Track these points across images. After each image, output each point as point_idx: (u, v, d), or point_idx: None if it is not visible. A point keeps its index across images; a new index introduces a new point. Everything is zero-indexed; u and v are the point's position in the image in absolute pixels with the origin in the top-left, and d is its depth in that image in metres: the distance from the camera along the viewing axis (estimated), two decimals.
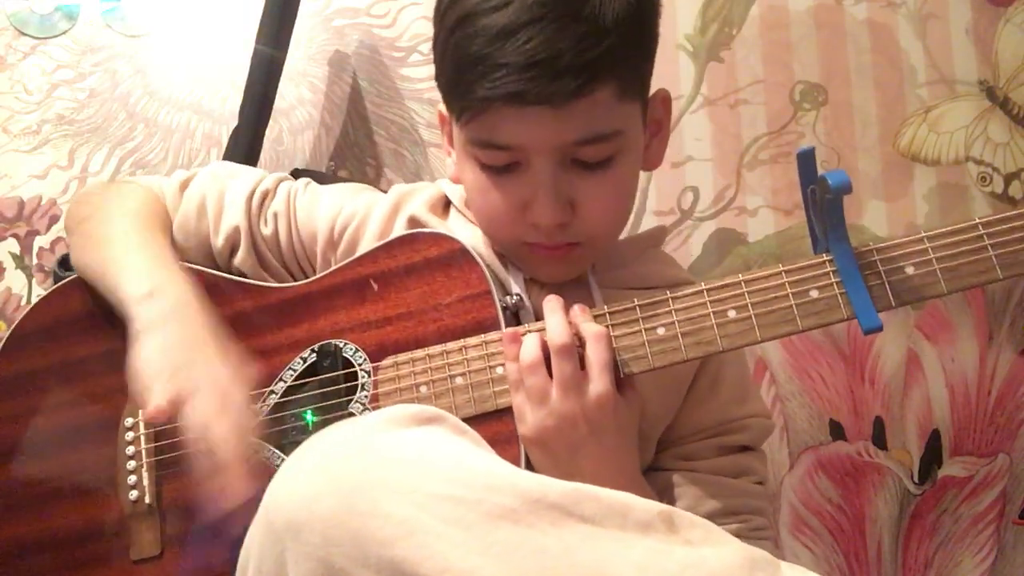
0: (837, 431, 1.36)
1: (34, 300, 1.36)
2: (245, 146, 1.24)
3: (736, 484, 0.84)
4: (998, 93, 1.40)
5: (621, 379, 0.75)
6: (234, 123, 1.26)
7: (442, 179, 0.93)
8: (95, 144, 1.39)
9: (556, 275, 0.82)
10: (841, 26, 1.40)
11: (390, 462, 0.58)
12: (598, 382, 0.72)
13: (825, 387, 1.37)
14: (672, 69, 1.39)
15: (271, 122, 1.29)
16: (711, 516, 0.78)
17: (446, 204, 0.91)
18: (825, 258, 0.73)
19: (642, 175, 0.89)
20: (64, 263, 1.04)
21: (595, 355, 0.73)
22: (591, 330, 0.73)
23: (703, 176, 1.38)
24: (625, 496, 0.59)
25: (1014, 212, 0.71)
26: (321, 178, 1.34)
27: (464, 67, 0.72)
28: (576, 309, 0.75)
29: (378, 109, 1.40)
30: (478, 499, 0.56)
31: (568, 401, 0.72)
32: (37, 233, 1.37)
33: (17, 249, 1.37)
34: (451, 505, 0.56)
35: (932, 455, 1.36)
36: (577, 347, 0.73)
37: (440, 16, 0.77)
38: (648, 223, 1.36)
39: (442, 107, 0.84)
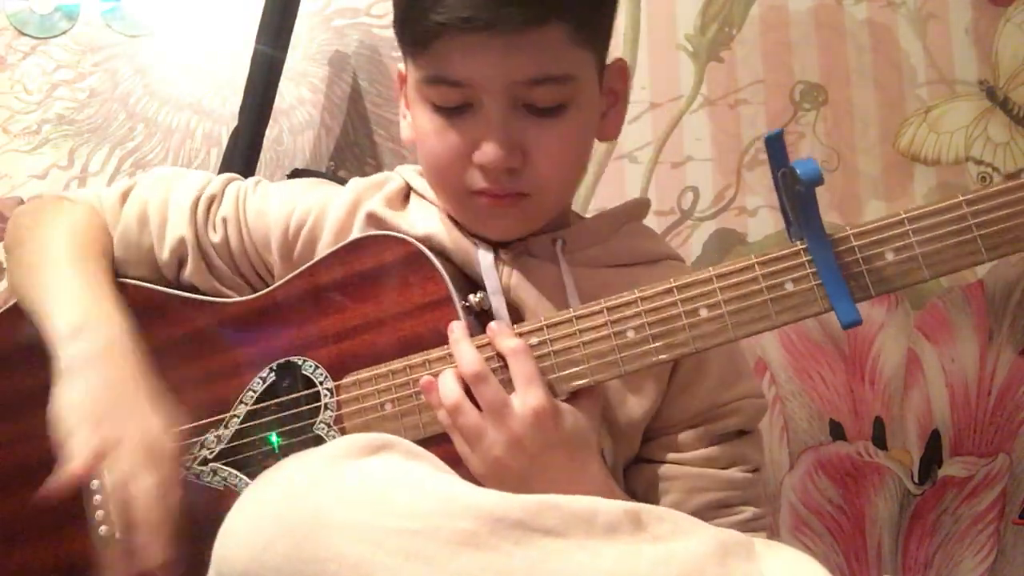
0: (837, 431, 1.36)
1: None
2: (245, 146, 1.24)
3: (725, 476, 0.80)
4: (998, 93, 1.40)
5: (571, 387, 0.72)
6: (234, 123, 1.26)
7: (401, 166, 0.90)
8: (95, 144, 1.39)
9: (504, 230, 0.80)
10: (841, 26, 1.40)
11: (342, 500, 0.56)
12: (526, 396, 0.69)
13: (825, 387, 1.37)
14: (672, 69, 1.39)
15: (271, 122, 1.28)
16: (700, 512, 0.77)
17: (406, 194, 0.87)
18: (800, 247, 0.69)
19: (642, 175, 0.89)
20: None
21: (517, 370, 0.70)
22: (508, 346, 0.71)
23: (703, 176, 1.38)
24: (589, 501, 0.57)
25: (999, 187, 0.67)
26: (321, 178, 1.34)
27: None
28: (492, 327, 0.73)
29: (378, 109, 1.40)
30: (436, 527, 0.54)
31: (503, 427, 0.69)
32: None
33: None
34: (408, 538, 0.54)
35: (932, 455, 1.36)
36: (501, 366, 0.71)
37: None
38: (648, 223, 1.36)
39: (401, 65, 0.82)
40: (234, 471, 0.78)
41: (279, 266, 0.85)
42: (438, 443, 0.72)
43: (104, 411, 0.72)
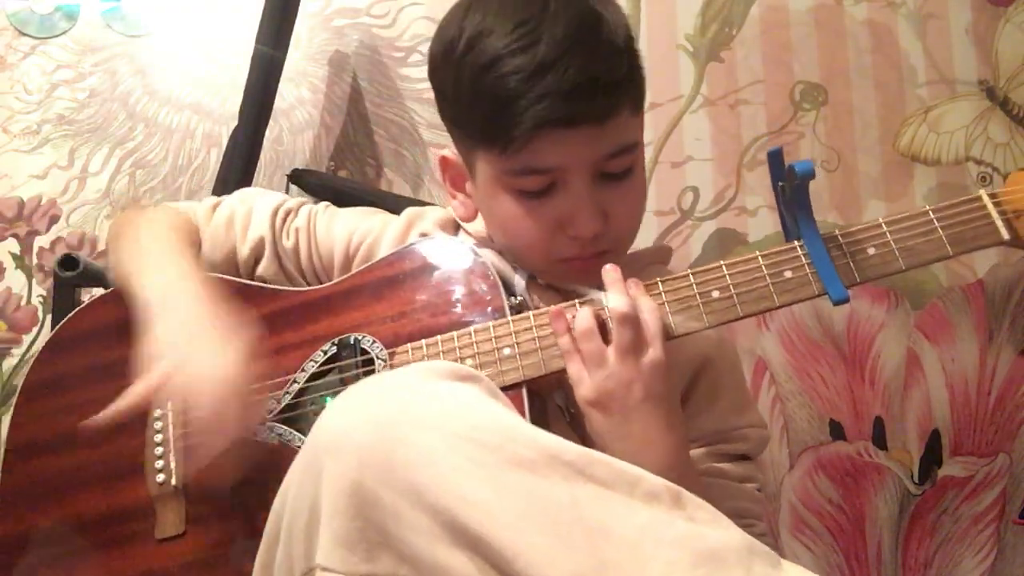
0: (837, 431, 1.36)
1: (34, 300, 1.37)
2: (245, 146, 1.24)
3: (741, 488, 0.87)
4: (998, 93, 1.40)
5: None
6: (234, 123, 1.26)
7: (450, 206, 0.98)
8: (95, 144, 1.39)
9: (586, 282, 0.87)
10: (841, 26, 1.40)
11: (424, 403, 0.64)
12: (654, 348, 0.77)
13: (825, 387, 1.37)
14: (672, 69, 1.39)
15: (271, 122, 1.29)
16: None
17: (456, 226, 0.97)
18: (797, 244, 0.80)
19: None
20: (64, 263, 1.06)
21: (652, 325, 0.78)
22: (647, 303, 0.79)
23: (703, 176, 1.38)
24: (637, 469, 0.63)
25: (958, 200, 0.80)
26: (321, 178, 1.35)
27: (505, 103, 0.79)
28: (632, 283, 0.81)
29: (378, 109, 1.40)
30: (499, 445, 0.61)
31: (627, 365, 0.77)
32: (37, 233, 1.37)
33: (17, 249, 1.37)
34: (476, 447, 0.61)
35: (932, 455, 1.36)
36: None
37: (456, 63, 0.82)
38: (648, 223, 1.36)
39: (448, 152, 0.91)
40: (290, 429, 0.85)
41: (338, 275, 0.96)
42: None
43: (187, 349, 0.80)
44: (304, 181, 1.34)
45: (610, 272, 0.81)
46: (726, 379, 0.91)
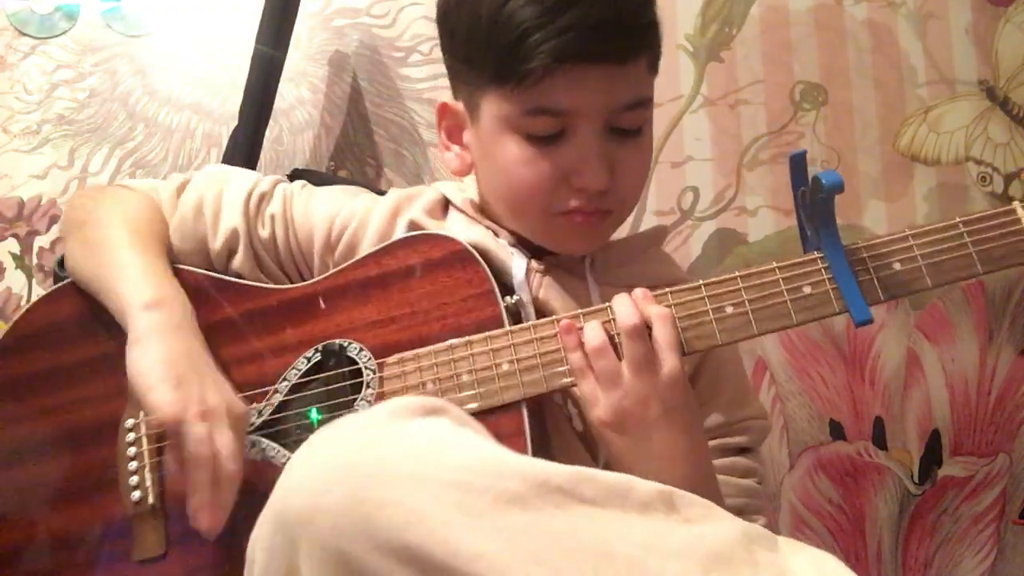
0: (837, 431, 1.36)
1: (35, 300, 1.36)
2: (245, 146, 1.24)
3: (743, 484, 0.86)
4: (998, 93, 1.40)
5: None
6: (234, 123, 1.26)
7: (438, 182, 0.95)
8: (95, 144, 1.39)
9: (588, 245, 0.85)
10: (841, 26, 1.40)
11: (398, 452, 0.60)
12: (668, 360, 0.74)
13: (825, 387, 1.37)
14: (672, 69, 1.39)
15: (271, 122, 1.28)
16: None
17: (444, 206, 0.92)
18: (817, 255, 0.76)
19: None
20: (64, 263, 1.05)
21: (664, 336, 0.75)
22: (657, 312, 0.75)
23: (703, 176, 1.38)
24: (625, 478, 0.61)
25: (991, 211, 0.75)
26: (321, 178, 1.34)
27: (524, 35, 0.75)
28: (639, 293, 0.77)
29: (378, 109, 1.40)
30: (486, 486, 0.58)
31: (642, 381, 0.73)
32: (37, 233, 1.37)
33: (17, 249, 1.37)
34: (460, 493, 0.57)
35: (932, 455, 1.36)
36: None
37: (474, 3, 0.79)
38: (648, 223, 1.36)
39: (448, 98, 0.87)
40: (273, 443, 0.80)
41: (320, 264, 0.91)
42: (476, 419, 0.76)
43: (182, 373, 0.76)
44: (304, 181, 1.34)
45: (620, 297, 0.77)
46: (726, 371, 0.90)
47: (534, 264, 0.86)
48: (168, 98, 1.40)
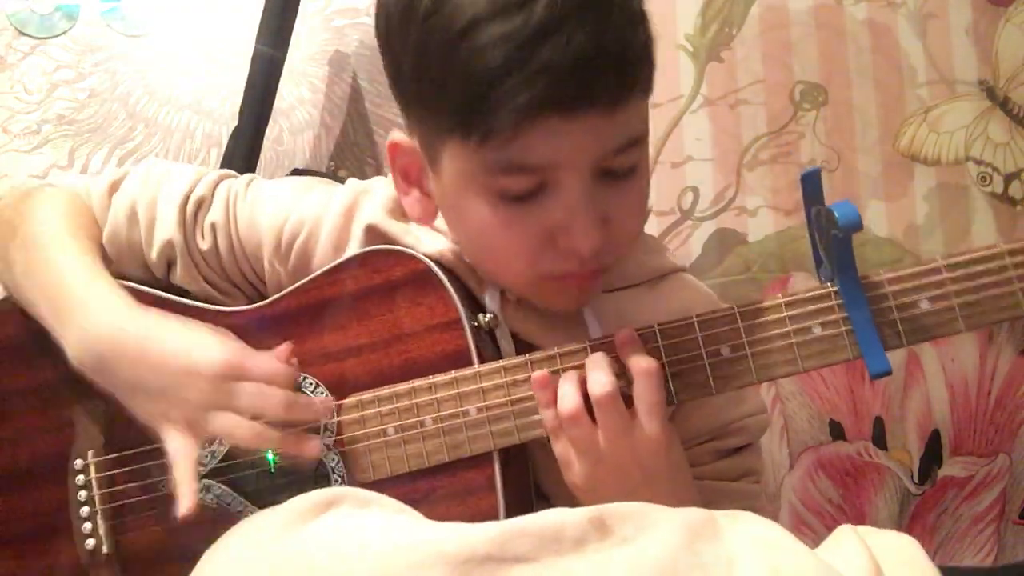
0: (837, 431, 1.36)
1: None
2: (245, 146, 1.24)
3: (737, 488, 0.81)
4: (998, 93, 1.40)
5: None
6: (234, 123, 1.26)
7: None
8: (95, 144, 1.39)
9: (577, 305, 0.74)
10: (841, 26, 1.40)
11: (301, 569, 0.54)
12: (648, 426, 0.66)
13: (825, 387, 1.37)
14: (672, 69, 1.39)
15: (271, 122, 1.28)
16: None
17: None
18: (831, 289, 0.66)
19: None
20: None
21: (646, 397, 0.66)
22: (640, 366, 0.66)
23: (703, 176, 1.38)
24: (554, 516, 0.56)
25: None
26: (319, 176, 1.34)
27: (488, 80, 0.61)
28: (623, 338, 0.68)
29: (378, 109, 1.40)
30: None
31: (618, 448, 0.66)
32: None
33: None
34: None
35: (932, 455, 1.36)
36: (622, 387, 0.67)
37: (420, 26, 0.63)
38: (648, 223, 1.35)
39: (397, 136, 0.72)
40: (227, 489, 0.75)
41: (270, 273, 0.82)
42: (441, 473, 0.71)
43: (169, 399, 0.69)
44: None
45: (590, 352, 0.68)
46: None
47: (509, 294, 0.75)
48: (168, 98, 1.40)
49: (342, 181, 0.88)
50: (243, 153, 1.24)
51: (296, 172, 1.35)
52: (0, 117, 1.39)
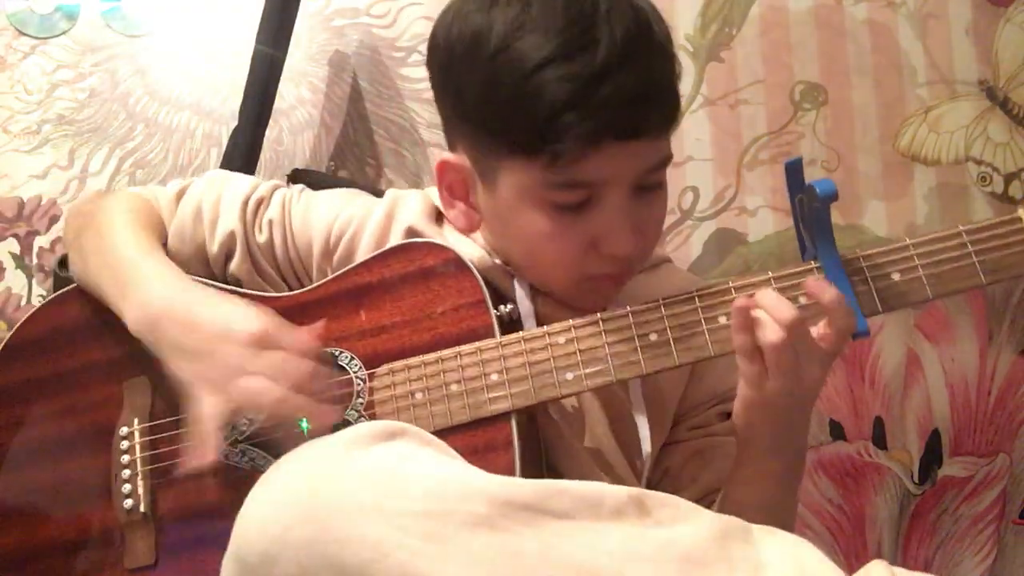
0: (837, 431, 1.36)
1: (34, 300, 1.37)
2: (245, 146, 1.24)
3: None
4: (998, 93, 1.40)
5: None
6: (234, 123, 1.26)
7: (430, 188, 0.93)
8: (95, 144, 1.39)
9: (604, 302, 0.83)
10: (841, 26, 1.40)
11: (359, 483, 0.59)
12: (836, 349, 0.73)
13: (825, 387, 1.37)
14: None
15: (271, 122, 1.29)
16: None
17: (439, 215, 0.91)
18: (814, 265, 0.75)
19: None
20: (64, 263, 1.04)
21: (838, 319, 0.72)
22: (828, 296, 0.73)
23: (703, 176, 1.38)
24: (596, 486, 0.61)
25: (996, 220, 0.74)
26: (321, 178, 1.34)
27: (555, 113, 0.72)
28: (810, 281, 0.74)
29: (378, 109, 1.40)
30: (451, 510, 0.57)
31: (811, 371, 0.72)
32: (37, 233, 1.37)
33: (17, 249, 1.37)
34: (426, 520, 0.57)
35: (932, 455, 1.36)
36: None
37: (488, 62, 0.75)
38: None
39: (446, 155, 0.83)
40: (262, 452, 0.81)
41: (318, 270, 0.90)
42: (463, 431, 0.77)
43: (205, 361, 0.75)
44: (304, 181, 1.33)
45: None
46: None
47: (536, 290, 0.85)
48: (168, 98, 1.40)
49: (343, 182, 0.93)
50: (243, 153, 1.24)
51: (296, 172, 1.35)
52: (0, 117, 1.39)
